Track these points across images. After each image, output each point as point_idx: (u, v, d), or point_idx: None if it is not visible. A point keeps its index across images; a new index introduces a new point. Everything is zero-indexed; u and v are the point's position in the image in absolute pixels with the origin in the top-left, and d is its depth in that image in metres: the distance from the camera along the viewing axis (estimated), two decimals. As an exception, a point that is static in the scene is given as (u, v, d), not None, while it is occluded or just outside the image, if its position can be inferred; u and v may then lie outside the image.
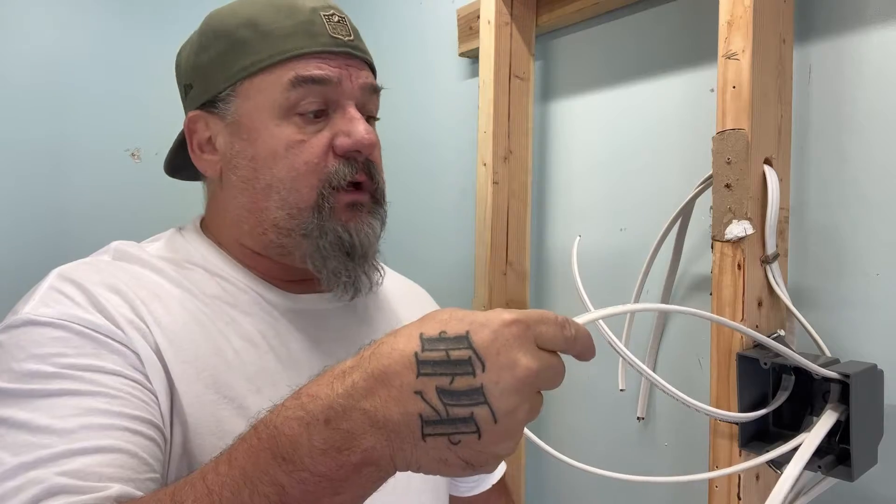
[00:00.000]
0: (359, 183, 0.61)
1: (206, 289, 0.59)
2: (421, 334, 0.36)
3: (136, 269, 0.58)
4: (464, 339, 0.36)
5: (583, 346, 0.41)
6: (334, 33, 0.61)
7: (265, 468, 0.36)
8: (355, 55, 0.62)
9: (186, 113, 0.64)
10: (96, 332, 0.49)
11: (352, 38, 0.63)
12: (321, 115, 0.60)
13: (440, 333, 0.36)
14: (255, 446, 0.37)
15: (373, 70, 0.66)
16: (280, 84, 0.59)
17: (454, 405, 0.35)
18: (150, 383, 0.50)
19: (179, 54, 0.67)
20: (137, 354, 0.50)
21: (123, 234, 0.69)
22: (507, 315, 0.37)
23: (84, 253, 0.62)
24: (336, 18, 0.62)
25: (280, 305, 0.62)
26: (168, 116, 1.35)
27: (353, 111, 0.60)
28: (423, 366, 0.36)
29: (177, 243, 0.63)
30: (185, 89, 0.65)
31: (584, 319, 0.44)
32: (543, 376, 0.37)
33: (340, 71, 0.60)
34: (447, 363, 0.35)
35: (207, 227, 0.66)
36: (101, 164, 1.27)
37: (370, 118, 0.64)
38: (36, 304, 0.51)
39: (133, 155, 1.31)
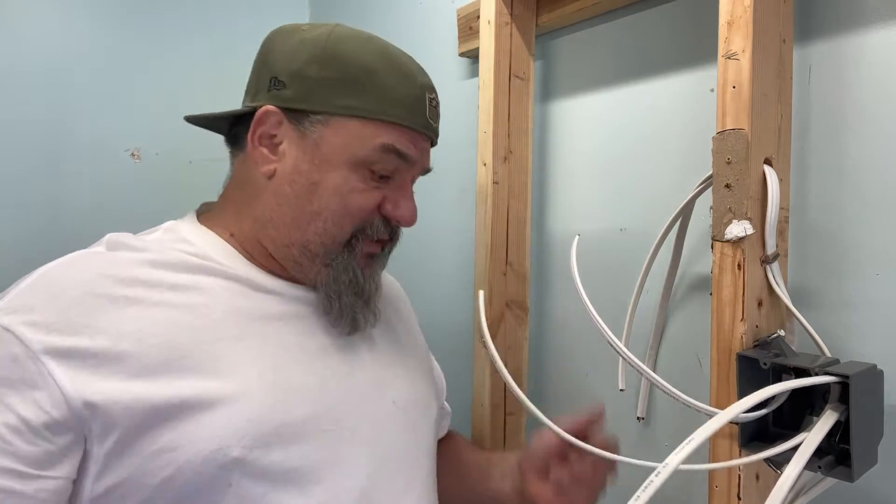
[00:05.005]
0: (383, 240, 0.69)
1: (190, 267, 0.62)
2: None
3: (127, 255, 0.61)
4: None
5: None
6: (430, 118, 0.68)
7: None
8: (433, 141, 0.71)
9: (255, 100, 0.66)
10: (27, 358, 0.52)
11: (437, 125, 0.70)
12: (386, 177, 0.66)
13: None
14: None
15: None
16: (372, 141, 0.64)
17: None
18: (72, 415, 0.52)
19: (276, 43, 0.67)
20: (60, 387, 0.51)
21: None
22: None
23: (84, 253, 0.63)
24: (435, 104, 0.69)
25: (267, 287, 0.66)
26: (168, 116, 1.35)
27: (409, 187, 0.69)
28: None
29: (174, 233, 0.66)
30: (273, 82, 0.65)
31: (645, 499, 0.41)
32: None
33: (420, 153, 0.68)
34: None
35: (212, 214, 0.70)
36: (101, 163, 1.27)
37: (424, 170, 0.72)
38: (9, 304, 0.54)
39: (133, 155, 1.31)
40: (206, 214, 0.70)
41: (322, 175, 0.63)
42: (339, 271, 0.65)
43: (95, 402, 0.51)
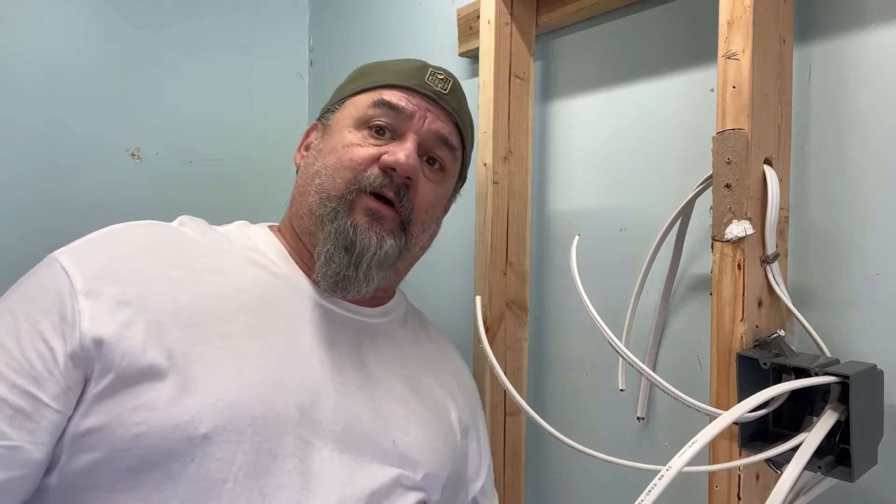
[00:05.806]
0: (390, 201, 0.68)
1: (245, 257, 0.68)
2: None
3: (189, 233, 0.67)
4: None
5: None
6: (429, 81, 0.72)
7: None
8: (439, 104, 0.72)
9: None
10: (68, 294, 0.56)
11: (445, 91, 0.73)
12: (388, 137, 0.70)
13: None
14: None
15: (461, 132, 0.75)
16: (366, 102, 0.71)
17: None
18: (82, 351, 0.54)
19: None
20: (81, 324, 0.55)
21: (123, 234, 0.70)
22: None
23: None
24: (441, 76, 0.73)
25: (305, 292, 0.69)
26: (168, 116, 1.35)
27: (409, 142, 0.69)
28: None
29: (241, 230, 0.73)
30: None
31: (649, 503, 0.42)
32: None
33: (415, 108, 0.70)
34: None
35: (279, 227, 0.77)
36: (101, 163, 1.27)
37: (437, 165, 0.73)
38: (72, 248, 0.60)
39: (133, 155, 1.31)
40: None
41: (327, 142, 0.71)
42: (328, 222, 0.67)
43: (103, 337, 0.55)
